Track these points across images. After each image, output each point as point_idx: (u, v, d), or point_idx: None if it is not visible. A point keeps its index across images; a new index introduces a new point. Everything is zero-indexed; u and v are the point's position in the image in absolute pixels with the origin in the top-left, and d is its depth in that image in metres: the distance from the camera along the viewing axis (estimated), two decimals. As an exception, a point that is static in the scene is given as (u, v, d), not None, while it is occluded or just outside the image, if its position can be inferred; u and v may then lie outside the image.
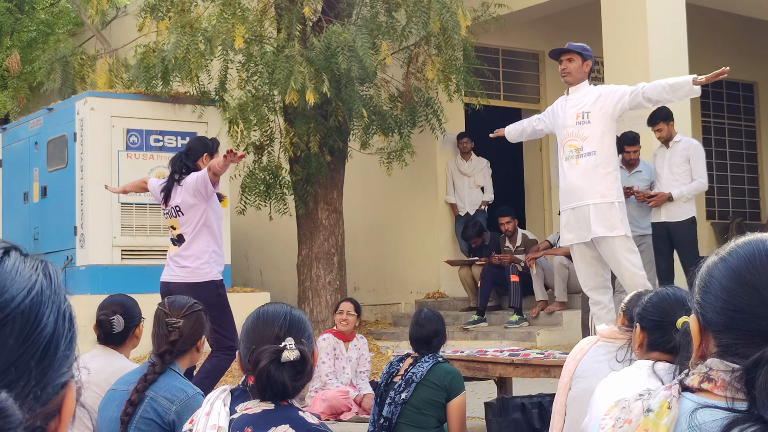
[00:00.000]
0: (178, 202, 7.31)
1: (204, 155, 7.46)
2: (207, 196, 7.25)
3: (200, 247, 7.23)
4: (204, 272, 7.22)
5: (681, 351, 3.25)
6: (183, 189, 7.30)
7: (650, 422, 1.55)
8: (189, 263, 7.23)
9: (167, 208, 7.40)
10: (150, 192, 7.81)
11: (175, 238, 7.36)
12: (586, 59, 7.87)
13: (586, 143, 7.72)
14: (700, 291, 1.63)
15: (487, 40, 13.37)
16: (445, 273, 13.09)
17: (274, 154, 12.18)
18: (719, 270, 1.61)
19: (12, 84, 18.43)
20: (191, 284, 7.08)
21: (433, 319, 6.15)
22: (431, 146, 13.14)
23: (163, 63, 11.21)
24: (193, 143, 7.67)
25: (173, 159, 7.52)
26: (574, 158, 7.76)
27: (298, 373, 3.06)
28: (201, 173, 7.19)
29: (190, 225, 7.28)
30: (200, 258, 7.22)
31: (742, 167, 16.58)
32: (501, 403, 6.30)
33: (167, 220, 7.49)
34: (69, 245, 11.57)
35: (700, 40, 13.46)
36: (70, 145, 11.62)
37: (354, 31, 10.53)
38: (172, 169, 7.47)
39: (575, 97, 7.87)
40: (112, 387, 4.30)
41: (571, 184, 7.79)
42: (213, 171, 7.09)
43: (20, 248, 1.25)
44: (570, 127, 7.82)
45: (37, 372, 1.16)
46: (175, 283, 7.20)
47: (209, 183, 7.15)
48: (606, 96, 7.73)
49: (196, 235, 7.25)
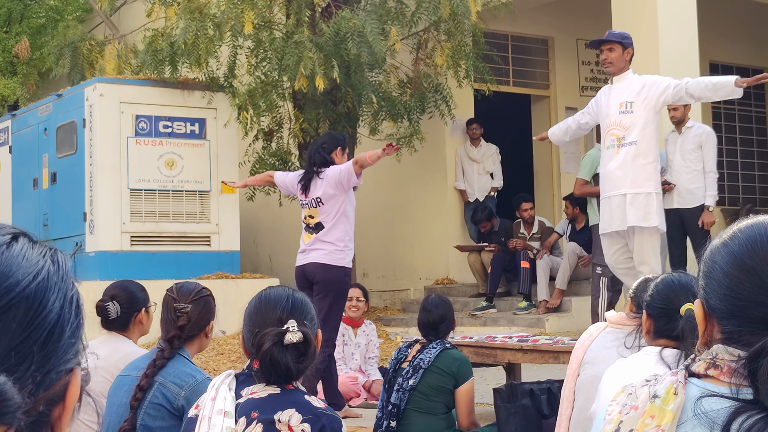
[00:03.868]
0: (319, 193, 7.68)
1: (337, 149, 7.83)
2: (348, 188, 7.64)
3: (338, 235, 7.64)
4: (338, 257, 7.63)
5: (685, 338, 3.24)
6: (324, 181, 7.67)
7: (656, 408, 1.55)
8: (327, 247, 7.63)
9: (307, 199, 7.75)
10: (278, 185, 8.21)
11: (313, 226, 7.71)
12: (626, 47, 7.85)
13: (627, 133, 7.69)
14: (704, 276, 1.62)
15: (497, 25, 13.33)
16: (454, 259, 13.09)
17: (283, 140, 12.17)
18: (721, 255, 1.60)
19: (21, 70, 18.45)
20: (325, 265, 7.58)
21: (440, 304, 6.15)
22: (440, 132, 13.12)
23: (172, 48, 11.21)
24: (326, 138, 8.02)
25: (311, 152, 7.91)
26: (615, 147, 7.75)
27: (301, 355, 3.06)
28: (346, 165, 7.58)
29: (330, 215, 7.65)
30: (337, 245, 7.63)
31: (752, 153, 16.53)
32: (510, 389, 6.29)
33: (305, 210, 7.80)
34: (78, 231, 11.59)
35: (710, 26, 13.40)
36: (80, 131, 11.63)
37: (363, 17, 10.51)
38: (310, 161, 7.83)
39: (619, 87, 7.84)
40: (121, 372, 4.31)
41: (609, 173, 7.79)
42: (361, 164, 7.52)
43: (30, 235, 1.24)
44: (613, 116, 7.79)
45: (39, 357, 1.15)
46: (309, 263, 7.66)
47: (353, 175, 7.54)
48: (650, 87, 7.68)
49: (336, 223, 7.65)
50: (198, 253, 11.76)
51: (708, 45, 12.15)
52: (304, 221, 7.82)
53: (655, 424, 1.54)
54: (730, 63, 16.17)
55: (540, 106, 14.62)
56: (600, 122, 8.00)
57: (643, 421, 1.56)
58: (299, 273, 7.77)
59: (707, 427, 1.50)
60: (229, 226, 11.98)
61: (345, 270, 7.69)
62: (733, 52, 15.94)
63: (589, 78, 14.82)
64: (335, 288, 7.53)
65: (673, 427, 1.53)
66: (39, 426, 1.16)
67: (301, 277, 7.72)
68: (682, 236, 9.78)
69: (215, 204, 11.88)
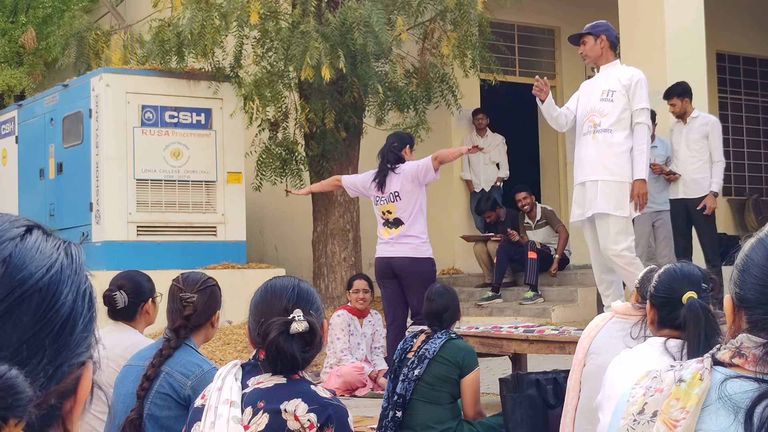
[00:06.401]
0: (396, 188, 8.00)
1: (406, 147, 8.20)
2: (424, 182, 7.97)
3: (420, 229, 8.00)
4: (424, 249, 7.99)
5: (687, 327, 3.24)
6: (401, 176, 8.00)
7: (682, 392, 1.57)
8: (413, 241, 7.96)
9: (384, 195, 8.05)
10: (346, 188, 8.48)
11: (392, 221, 8.01)
12: (598, 36, 7.80)
13: (604, 120, 7.66)
14: (738, 271, 1.64)
15: (503, 15, 13.31)
16: (460, 249, 13.09)
17: (289, 130, 12.17)
18: (755, 250, 1.63)
19: (27, 60, 18.44)
20: (414, 258, 7.96)
21: (443, 293, 6.15)
22: (446, 122, 13.11)
23: (179, 38, 11.21)
24: (395, 138, 8.32)
25: (383, 151, 8.20)
26: (591, 133, 7.72)
27: (307, 344, 3.07)
28: (424, 161, 7.90)
29: (408, 209, 7.97)
30: (421, 237, 7.98)
31: (758, 143, 16.51)
32: (515, 380, 6.29)
33: (381, 206, 8.10)
34: (85, 221, 11.61)
35: (716, 16, 13.37)
36: (86, 121, 11.64)
37: (369, 7, 10.50)
38: (384, 159, 8.14)
39: (605, 74, 7.83)
40: (128, 362, 4.32)
41: (582, 159, 7.76)
42: (441, 159, 7.90)
43: (44, 227, 1.24)
44: (594, 102, 7.77)
45: (51, 350, 1.15)
46: (397, 257, 7.98)
47: (431, 170, 7.88)
48: (633, 87, 7.64)
49: (415, 217, 7.98)
50: (204, 243, 11.78)
51: (714, 35, 12.13)
52: (383, 217, 8.11)
53: (680, 405, 1.56)
54: (737, 53, 16.15)
55: (546, 96, 14.58)
56: (579, 111, 7.92)
57: (668, 403, 1.59)
58: (383, 263, 8.10)
59: (731, 411, 1.52)
60: (235, 216, 11.99)
61: (432, 261, 8.06)
62: (739, 42, 15.91)
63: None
64: (426, 279, 7.80)
65: (697, 410, 1.55)
66: (50, 419, 1.16)
67: (386, 267, 8.07)
68: (688, 226, 9.77)
69: (221, 194, 11.89)
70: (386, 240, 8.06)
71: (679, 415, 1.56)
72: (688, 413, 1.54)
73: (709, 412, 1.54)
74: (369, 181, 8.20)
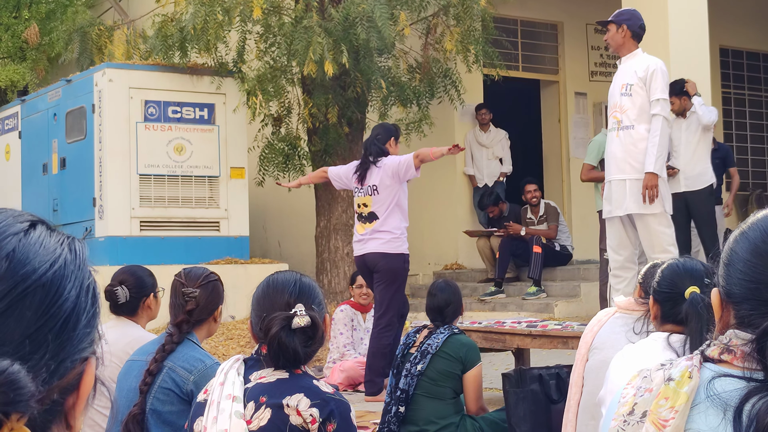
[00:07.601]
0: (375, 182, 7.89)
1: (391, 139, 8.11)
2: (404, 179, 7.88)
3: (395, 224, 7.87)
4: (396, 245, 7.86)
5: (689, 322, 3.25)
6: (381, 170, 7.89)
7: (671, 390, 1.57)
8: (385, 236, 7.85)
9: (363, 187, 7.96)
10: (332, 179, 8.37)
11: (366, 215, 7.92)
12: (619, 25, 7.72)
13: (625, 116, 7.61)
14: (723, 265, 1.64)
15: (506, 10, 13.30)
16: (463, 244, 13.09)
17: (292, 125, 12.17)
18: (739, 243, 1.62)
19: (31, 56, 18.44)
20: (385, 254, 7.82)
21: (445, 288, 6.15)
22: (450, 117, 13.11)
23: (182, 33, 11.21)
24: (380, 130, 8.25)
25: (367, 143, 8.14)
26: (615, 130, 7.68)
27: (309, 339, 3.07)
28: (406, 158, 7.81)
29: (384, 204, 7.87)
30: (394, 233, 7.86)
31: (762, 138, 16.49)
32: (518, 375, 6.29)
33: (359, 198, 8.02)
34: (88, 216, 11.61)
35: (720, 10, 13.34)
36: (89, 116, 11.65)
37: (372, 2, 10.49)
38: (367, 151, 8.05)
39: (624, 66, 7.73)
40: (130, 357, 4.32)
41: (611, 157, 7.73)
42: (422, 158, 7.78)
43: (48, 222, 1.24)
44: (615, 96, 7.71)
45: (54, 346, 1.15)
46: (369, 253, 7.87)
47: (412, 168, 7.77)
48: (650, 79, 7.56)
49: (390, 213, 7.87)
50: (207, 238, 11.79)
51: (718, 29, 12.10)
52: (357, 210, 8.04)
53: (669, 405, 1.56)
54: (740, 47, 16.13)
55: (549, 91, 14.58)
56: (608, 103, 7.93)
57: (657, 403, 1.58)
58: (360, 262, 8.05)
59: (720, 408, 1.51)
60: (238, 211, 12.00)
61: (404, 257, 7.93)
62: (743, 37, 15.88)
63: (599, 63, 14.78)
64: (397, 275, 7.81)
65: (686, 409, 1.54)
66: (53, 414, 1.16)
67: (362, 265, 8.03)
68: (687, 221, 9.74)
69: (224, 189, 11.89)
70: (359, 237, 7.99)
71: (668, 414, 1.55)
72: (677, 413, 1.54)
73: (699, 411, 1.54)
74: (351, 172, 8.15)
